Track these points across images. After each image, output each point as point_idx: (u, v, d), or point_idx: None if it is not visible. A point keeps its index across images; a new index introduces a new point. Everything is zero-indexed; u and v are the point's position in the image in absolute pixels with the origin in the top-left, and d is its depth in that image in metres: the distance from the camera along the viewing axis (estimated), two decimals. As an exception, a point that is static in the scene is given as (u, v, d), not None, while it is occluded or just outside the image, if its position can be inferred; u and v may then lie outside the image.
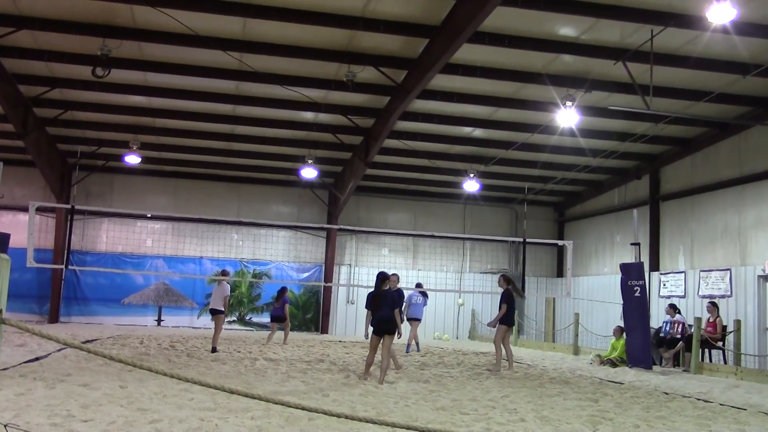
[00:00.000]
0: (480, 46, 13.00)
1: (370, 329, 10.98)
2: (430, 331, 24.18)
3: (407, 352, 16.62)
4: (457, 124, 18.09)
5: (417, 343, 17.47)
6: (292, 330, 22.92)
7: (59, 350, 12.26)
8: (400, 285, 18.55)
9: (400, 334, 10.65)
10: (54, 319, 21.88)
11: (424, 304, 17.62)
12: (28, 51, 14.44)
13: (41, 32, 13.43)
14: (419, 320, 17.35)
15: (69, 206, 17.25)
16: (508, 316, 13.39)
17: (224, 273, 15.97)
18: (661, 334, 15.59)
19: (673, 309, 15.92)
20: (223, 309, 14.93)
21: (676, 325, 15.45)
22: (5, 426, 3.18)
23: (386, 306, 10.50)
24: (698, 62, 13.36)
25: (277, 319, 18.03)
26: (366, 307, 11.04)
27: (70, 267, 20.35)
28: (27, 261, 14.43)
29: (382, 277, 10.85)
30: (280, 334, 17.95)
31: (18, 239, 16.11)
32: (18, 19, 12.98)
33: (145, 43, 13.82)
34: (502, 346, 13.20)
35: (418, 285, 18.82)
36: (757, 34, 12.03)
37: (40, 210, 18.86)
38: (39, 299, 22.13)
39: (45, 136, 19.72)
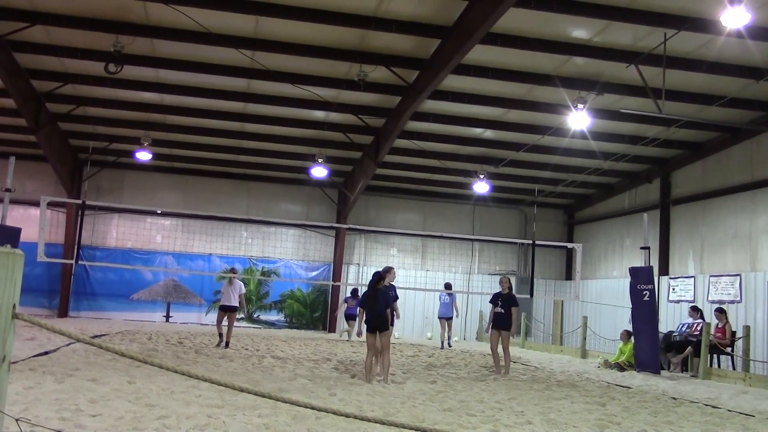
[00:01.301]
0: (492, 47, 12.98)
1: (364, 327, 11.05)
2: (437, 331, 24.16)
3: (442, 348, 18.53)
4: (468, 125, 18.07)
5: (447, 341, 19.21)
6: (299, 328, 23.08)
7: (68, 344, 12.32)
8: (406, 285, 19.80)
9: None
10: (63, 313, 22.00)
11: (452, 303, 19.50)
12: (42, 46, 14.52)
13: (54, 28, 13.49)
14: (450, 318, 19.40)
15: (80, 201, 17.37)
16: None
17: (233, 271, 16.05)
18: (675, 333, 15.55)
19: (696, 311, 15.88)
20: (238, 306, 15.08)
21: (695, 325, 15.39)
22: (17, 420, 3.20)
23: (381, 303, 10.53)
24: (711, 66, 13.29)
25: (353, 317, 19.24)
26: (359, 306, 11.12)
27: (80, 262, 20.48)
28: (37, 255, 14.54)
29: (378, 277, 10.83)
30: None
31: (29, 233, 16.28)
32: (32, 15, 13.06)
33: (158, 39, 13.87)
34: (498, 350, 13.10)
35: (448, 286, 19.61)
36: (772, 38, 11.97)
37: (51, 205, 18.97)
38: (49, 293, 22.24)
39: (57, 131, 19.83)
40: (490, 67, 14.27)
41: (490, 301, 13.60)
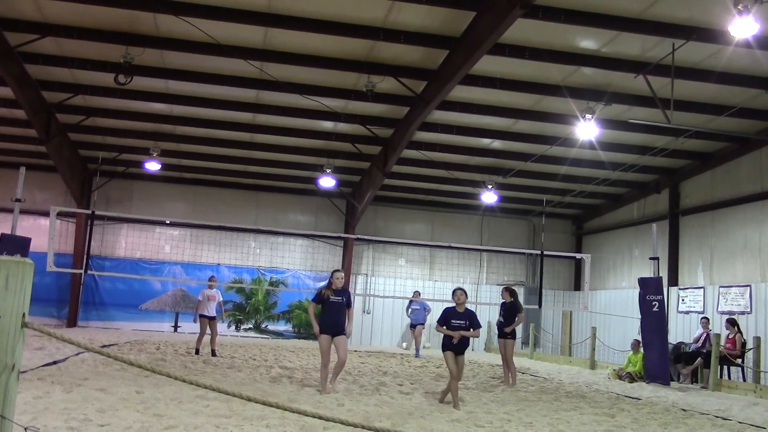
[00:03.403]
0: (500, 58, 12.99)
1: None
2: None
3: (417, 356, 18.57)
4: (476, 136, 18.08)
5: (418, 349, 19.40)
6: (307, 339, 23.04)
7: (77, 354, 12.36)
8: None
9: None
10: (72, 323, 22.05)
11: (423, 309, 19.83)
12: (52, 58, 14.64)
13: (65, 39, 13.60)
14: (422, 324, 19.80)
15: (89, 211, 17.44)
16: (515, 330, 13.42)
17: (212, 279, 16.22)
18: (692, 345, 15.50)
19: (708, 322, 15.84)
20: (205, 313, 15.21)
21: (701, 336, 15.33)
22: (25, 429, 3.20)
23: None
24: (720, 76, 13.27)
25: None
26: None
27: (89, 272, 20.53)
28: (47, 265, 14.60)
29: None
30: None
31: (38, 243, 16.36)
32: (43, 27, 13.17)
33: (167, 51, 13.96)
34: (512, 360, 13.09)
35: (416, 293, 20.24)
36: (781, 48, 11.94)
37: (60, 215, 19.07)
38: (58, 303, 22.31)
39: (67, 141, 19.95)
40: (498, 78, 14.30)
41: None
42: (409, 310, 19.72)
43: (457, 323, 9.46)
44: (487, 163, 20.39)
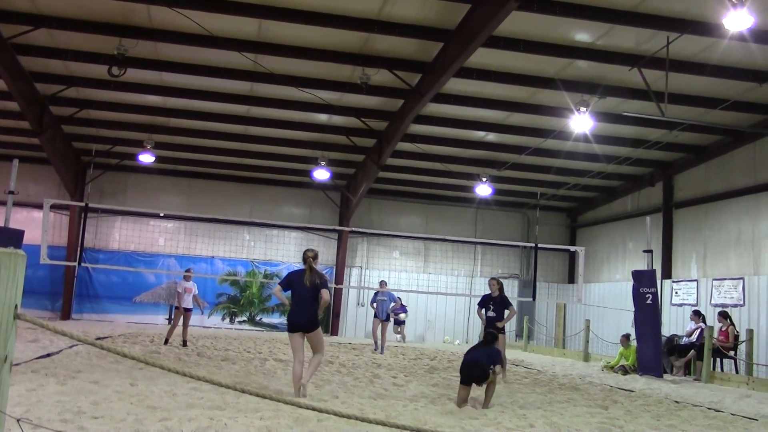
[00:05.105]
0: (494, 51, 12.99)
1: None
2: (440, 334, 24.21)
3: (377, 350, 17.14)
4: (471, 128, 18.08)
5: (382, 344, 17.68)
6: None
7: (71, 347, 12.33)
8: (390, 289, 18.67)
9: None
10: (66, 315, 22.03)
11: (389, 302, 18.08)
12: (46, 49, 14.58)
13: (59, 31, 13.54)
14: (386, 320, 17.90)
15: (83, 204, 17.39)
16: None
17: (188, 271, 16.33)
18: (685, 338, 15.56)
19: (698, 315, 15.82)
20: (179, 305, 15.32)
21: (695, 330, 15.39)
22: (18, 420, 3.20)
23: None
24: (714, 70, 13.29)
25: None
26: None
27: (82, 264, 20.46)
28: (40, 258, 14.57)
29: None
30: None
31: (32, 236, 16.34)
32: (36, 18, 13.10)
33: (161, 43, 13.91)
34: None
35: (382, 283, 18.91)
36: (775, 42, 11.96)
37: (54, 207, 19.01)
38: (52, 296, 22.28)
39: (60, 134, 19.87)
40: (492, 71, 14.29)
41: (479, 304, 12.53)
42: (375, 302, 17.92)
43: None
44: (481, 156, 20.40)
